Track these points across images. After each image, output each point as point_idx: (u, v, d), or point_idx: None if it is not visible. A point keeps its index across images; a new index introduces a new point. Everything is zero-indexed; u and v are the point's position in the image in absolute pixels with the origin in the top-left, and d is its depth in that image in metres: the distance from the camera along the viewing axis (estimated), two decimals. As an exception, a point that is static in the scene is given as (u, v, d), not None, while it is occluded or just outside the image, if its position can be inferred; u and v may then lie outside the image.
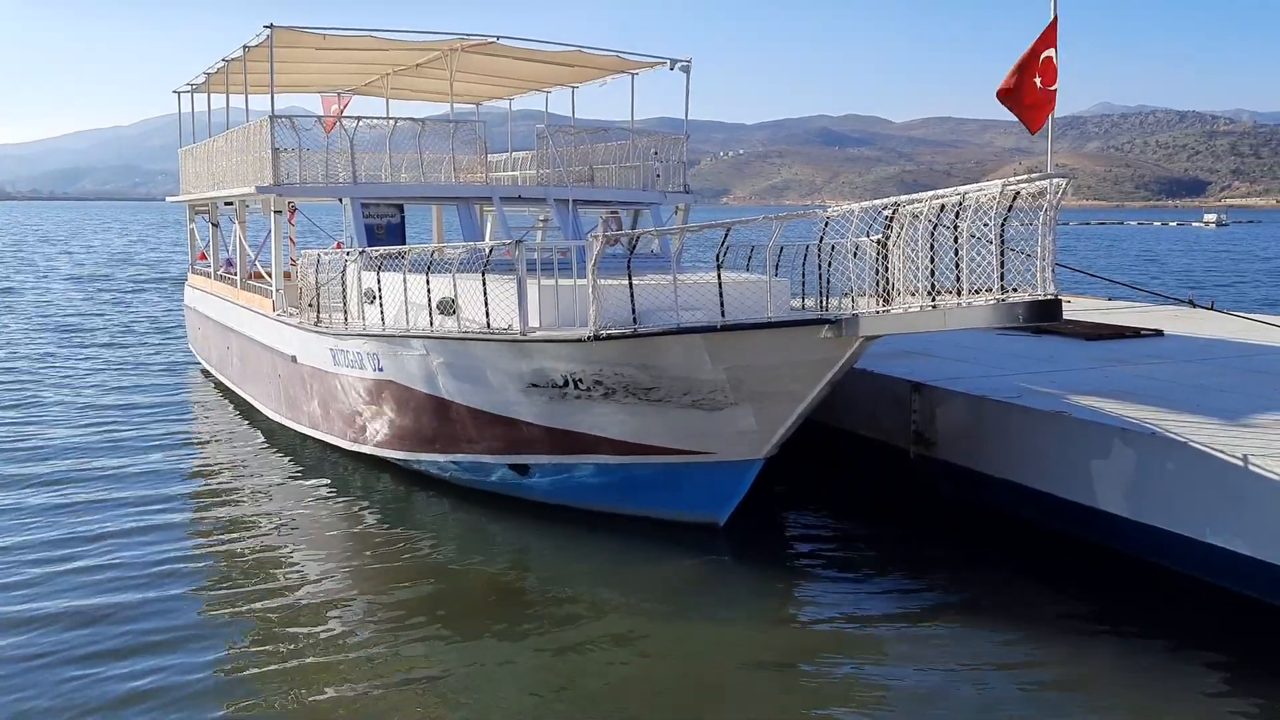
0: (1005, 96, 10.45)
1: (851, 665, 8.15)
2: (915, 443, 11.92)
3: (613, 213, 15.67)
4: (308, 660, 8.10)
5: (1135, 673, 7.87)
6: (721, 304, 9.44)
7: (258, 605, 9.17)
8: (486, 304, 10.61)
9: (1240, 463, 8.61)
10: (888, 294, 9.00)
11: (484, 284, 10.61)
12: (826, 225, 9.54)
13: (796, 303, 10.96)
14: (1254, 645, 8.21)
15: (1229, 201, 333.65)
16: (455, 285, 11.03)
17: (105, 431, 15.72)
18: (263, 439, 15.54)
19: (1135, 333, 15.70)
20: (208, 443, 15.66)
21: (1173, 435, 9.26)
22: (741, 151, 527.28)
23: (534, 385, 10.81)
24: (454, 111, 18.27)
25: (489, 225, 16.91)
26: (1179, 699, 7.50)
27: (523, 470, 11.71)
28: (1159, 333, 15.75)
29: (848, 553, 10.62)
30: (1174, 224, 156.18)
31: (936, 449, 11.66)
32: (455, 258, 11.21)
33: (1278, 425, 9.66)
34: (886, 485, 12.23)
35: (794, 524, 11.69)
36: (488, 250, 10.95)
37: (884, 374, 12.43)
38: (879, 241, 9.05)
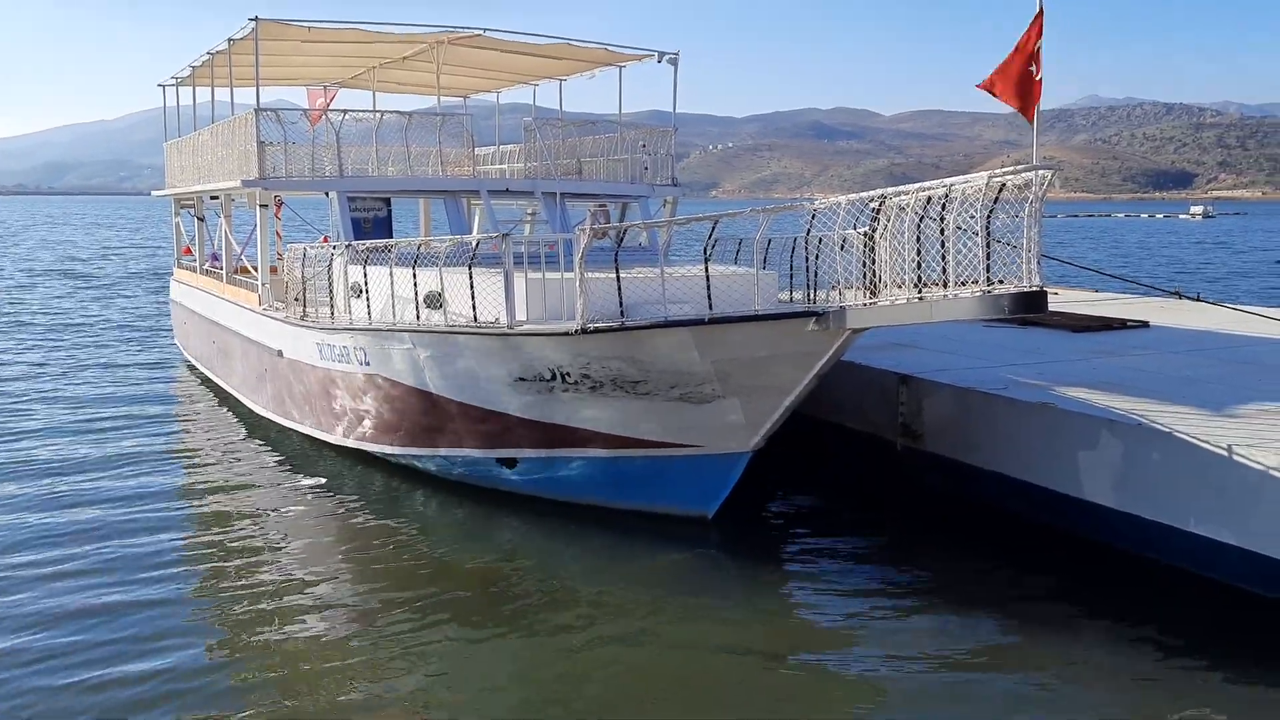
0: (998, 88, 10.50)
1: (841, 658, 8.18)
2: (903, 435, 11.94)
3: (601, 206, 15.64)
4: (297, 658, 8.08)
5: (1124, 665, 7.88)
6: (709, 297, 9.43)
7: (248, 603, 9.13)
8: (474, 297, 10.58)
9: (1225, 453, 8.65)
10: (875, 286, 8.99)
11: (471, 277, 10.58)
12: (813, 218, 9.54)
13: (785, 296, 10.96)
14: (1241, 638, 8.23)
15: (1215, 193, 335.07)
16: (442, 279, 10.99)
17: (92, 429, 15.64)
18: (250, 434, 15.48)
19: (1122, 324, 15.75)
20: (195, 438, 15.59)
21: (1159, 426, 9.30)
22: (731, 145, 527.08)
23: (521, 379, 10.78)
24: (441, 105, 18.20)
25: (476, 219, 16.87)
26: (1167, 691, 7.53)
27: (511, 464, 11.69)
28: (1145, 324, 15.81)
29: (836, 545, 10.63)
30: (1161, 216, 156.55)
31: (924, 441, 11.68)
32: (442, 251, 11.17)
33: (1262, 415, 9.71)
34: (874, 477, 12.25)
35: (782, 517, 11.70)
36: (474, 243, 10.91)
37: (871, 366, 12.44)
38: (866, 234, 9.04)
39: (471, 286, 10.57)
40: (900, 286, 8.71)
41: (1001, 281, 8.07)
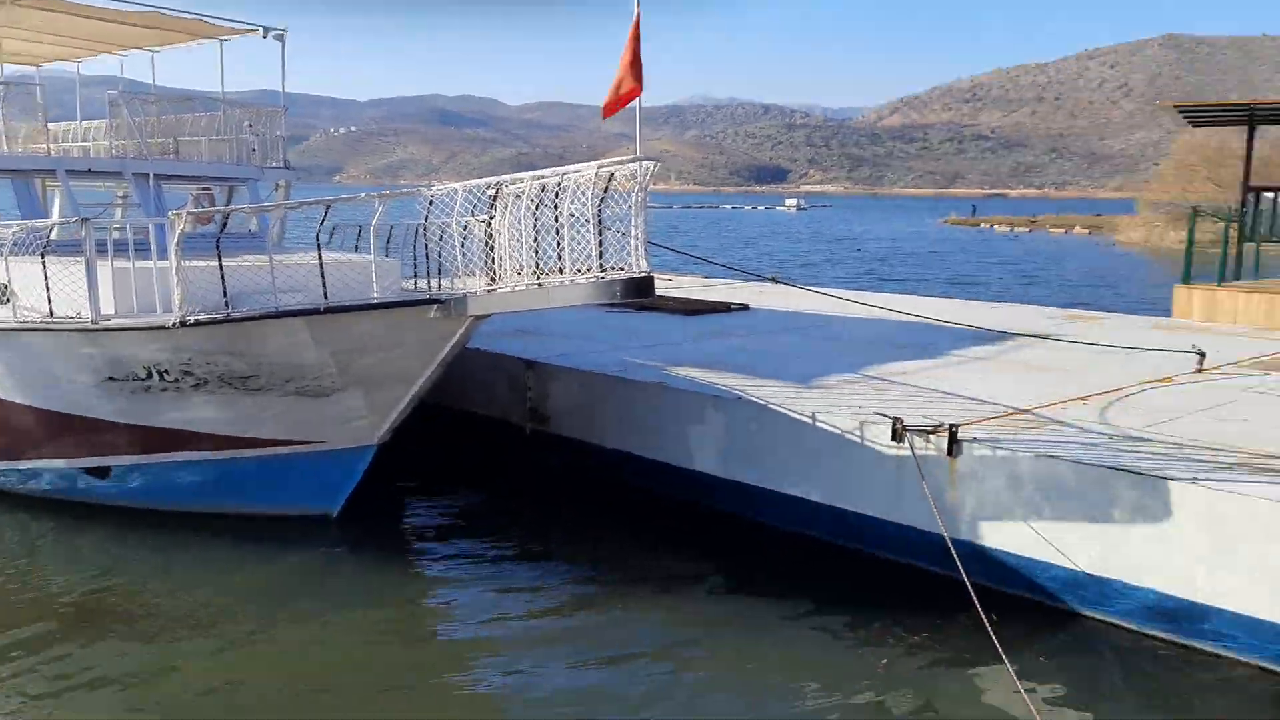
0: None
1: (474, 665, 8.02)
2: (531, 419, 12.16)
3: (204, 189, 14.44)
4: None
5: (737, 621, 8.47)
6: (324, 285, 9.01)
7: None
8: (49, 290, 9.36)
9: (809, 420, 9.61)
10: (495, 273, 9.03)
11: (44, 267, 9.35)
12: (431, 204, 9.39)
13: (410, 284, 10.73)
14: (844, 590, 9.01)
15: (806, 188, 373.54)
16: (8, 269, 9.63)
17: None
18: None
19: (726, 308, 17.09)
20: None
21: (755, 399, 10.15)
22: (354, 128, 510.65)
23: (112, 379, 9.71)
24: (6, 73, 15.92)
25: (56, 203, 14.98)
26: (775, 643, 8.14)
27: (103, 474, 10.51)
28: (746, 307, 17.27)
29: (467, 535, 10.59)
30: (762, 208, 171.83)
31: (550, 424, 11.96)
32: (8, 238, 9.78)
33: (841, 385, 10.91)
34: (506, 463, 12.37)
35: (412, 510, 11.47)
36: (49, 229, 9.66)
37: (499, 353, 12.54)
38: (485, 222, 9.05)
39: (45, 277, 9.35)
40: (520, 273, 8.80)
41: (614, 268, 8.39)
